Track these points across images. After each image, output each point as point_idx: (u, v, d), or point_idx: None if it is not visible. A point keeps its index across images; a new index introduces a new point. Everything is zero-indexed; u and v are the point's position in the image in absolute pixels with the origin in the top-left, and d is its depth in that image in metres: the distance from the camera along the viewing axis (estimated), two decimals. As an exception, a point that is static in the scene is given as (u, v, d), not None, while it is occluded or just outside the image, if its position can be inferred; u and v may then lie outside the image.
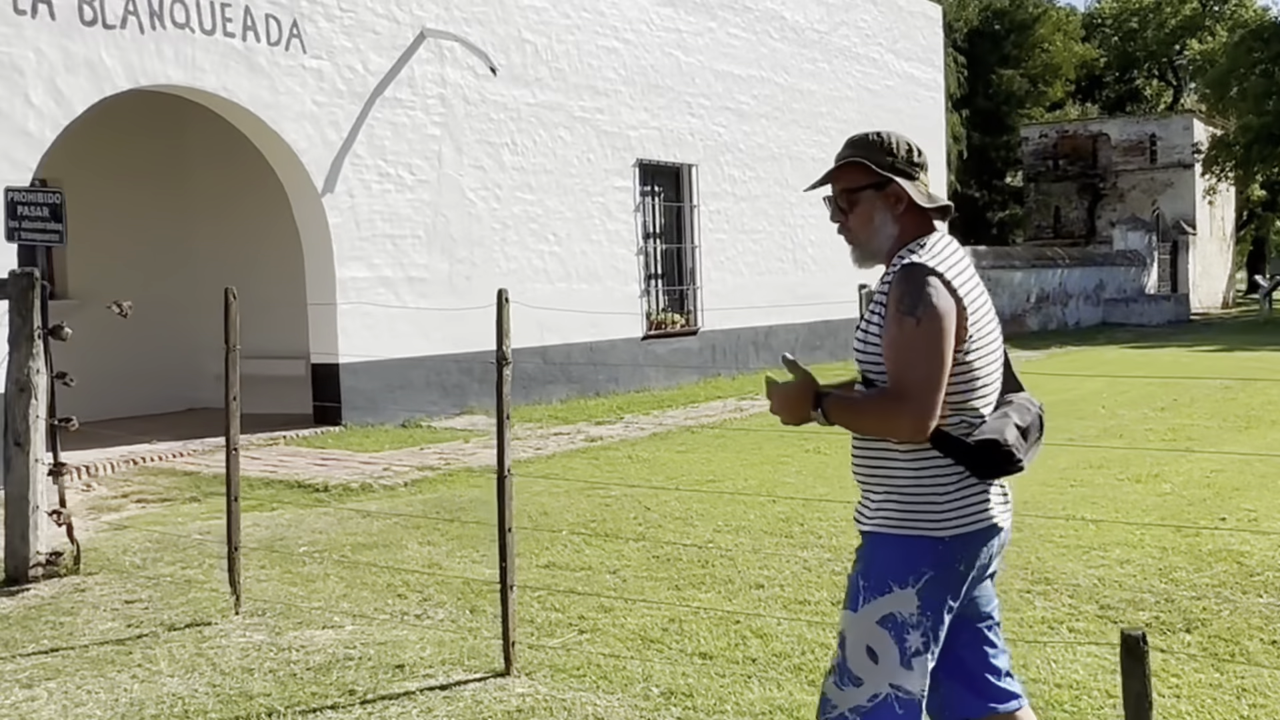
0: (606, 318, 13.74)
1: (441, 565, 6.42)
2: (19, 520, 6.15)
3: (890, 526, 2.74)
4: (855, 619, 2.77)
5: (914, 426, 2.62)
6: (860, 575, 2.78)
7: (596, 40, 13.99)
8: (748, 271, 16.74)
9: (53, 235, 6.19)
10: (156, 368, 12.14)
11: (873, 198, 2.79)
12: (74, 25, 8.91)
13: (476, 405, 12.40)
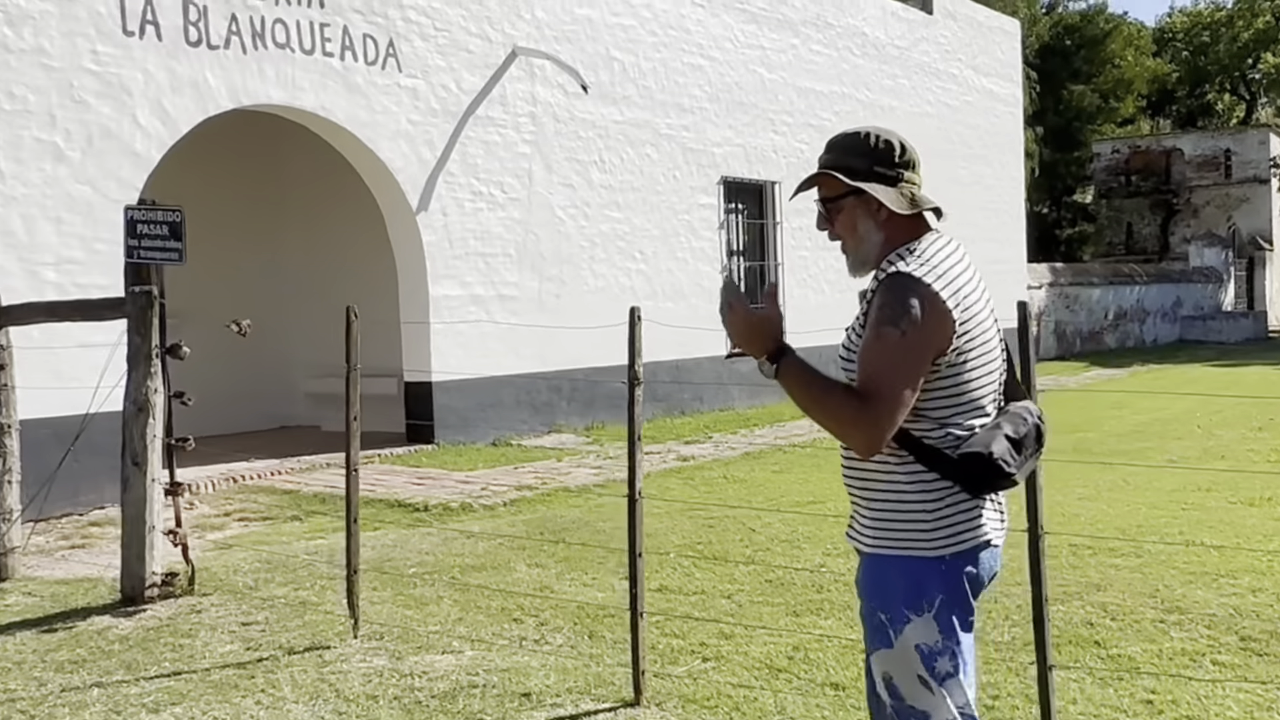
0: (691, 336, 13.54)
1: (553, 588, 6.26)
2: (136, 540, 6.08)
3: (890, 547, 2.60)
4: (894, 655, 2.61)
5: (867, 437, 2.47)
6: (879, 609, 2.62)
7: (682, 58, 13.86)
8: (829, 289, 16.48)
9: (172, 254, 6.13)
10: (249, 386, 12.13)
11: (853, 205, 2.65)
12: (179, 46, 8.92)
13: (565, 424, 12.27)
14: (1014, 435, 2.59)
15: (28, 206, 8.07)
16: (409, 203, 10.74)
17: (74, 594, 6.30)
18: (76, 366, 7.99)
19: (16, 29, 7.99)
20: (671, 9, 13.72)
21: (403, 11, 10.66)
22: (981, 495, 2.59)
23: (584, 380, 12.29)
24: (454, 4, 11.14)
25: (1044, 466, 3.74)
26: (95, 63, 8.42)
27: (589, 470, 10.18)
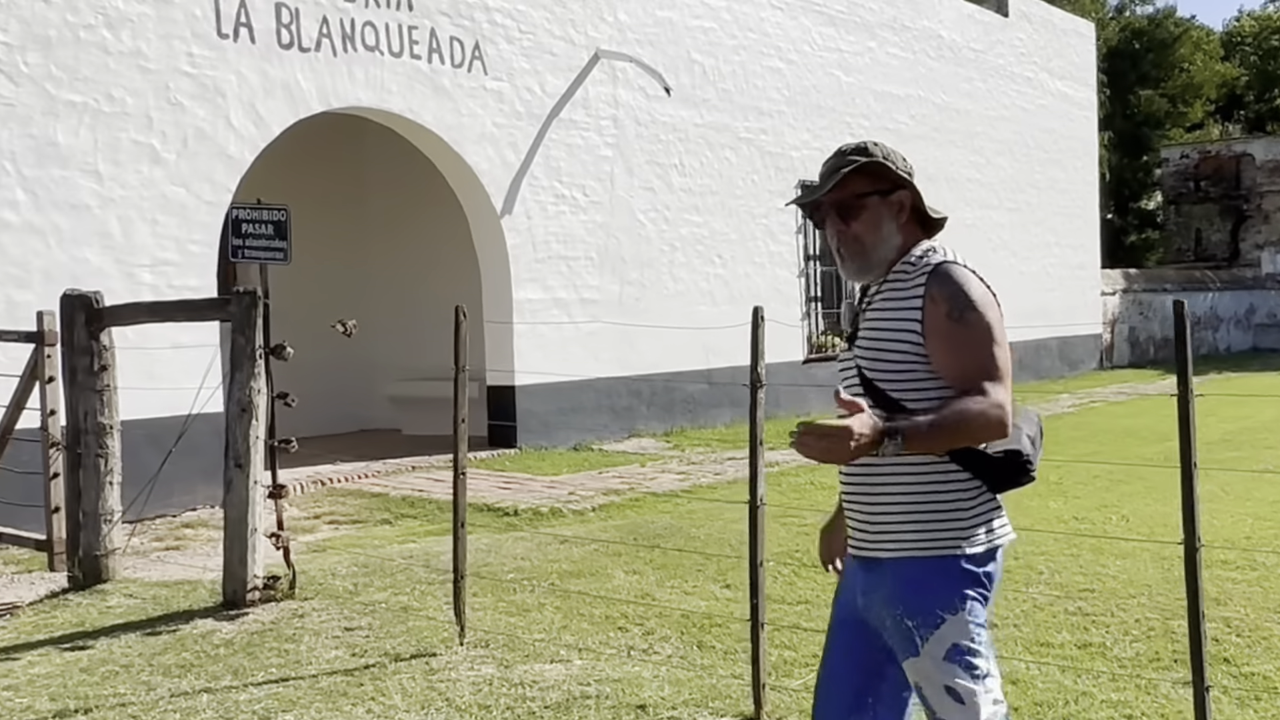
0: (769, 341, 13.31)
1: (654, 596, 6.09)
2: (238, 543, 5.98)
3: (918, 549, 2.56)
4: (920, 664, 2.56)
5: (1003, 424, 2.44)
6: (905, 616, 2.56)
7: (761, 61, 13.66)
8: (905, 294, 16.18)
9: (277, 253, 6.04)
10: (330, 388, 12.06)
11: (878, 204, 2.65)
12: (272, 49, 8.87)
13: (644, 429, 12.10)
14: (1031, 435, 2.62)
15: (125, 208, 8.04)
16: (494, 206, 10.63)
17: (174, 596, 6.21)
18: (169, 368, 7.95)
19: (115, 31, 7.96)
20: (751, 12, 13.53)
21: (488, 14, 10.56)
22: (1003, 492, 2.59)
23: (663, 384, 12.13)
24: (538, 6, 11.03)
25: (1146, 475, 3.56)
26: (191, 65, 8.39)
27: (674, 476, 10.00)
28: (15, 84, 7.51)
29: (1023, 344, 18.56)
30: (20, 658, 5.28)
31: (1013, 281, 18.38)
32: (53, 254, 7.68)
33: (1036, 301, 18.92)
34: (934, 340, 2.50)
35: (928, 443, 2.44)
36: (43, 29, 7.64)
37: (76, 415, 6.30)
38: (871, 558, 2.64)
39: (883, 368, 2.56)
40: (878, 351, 2.58)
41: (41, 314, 6.47)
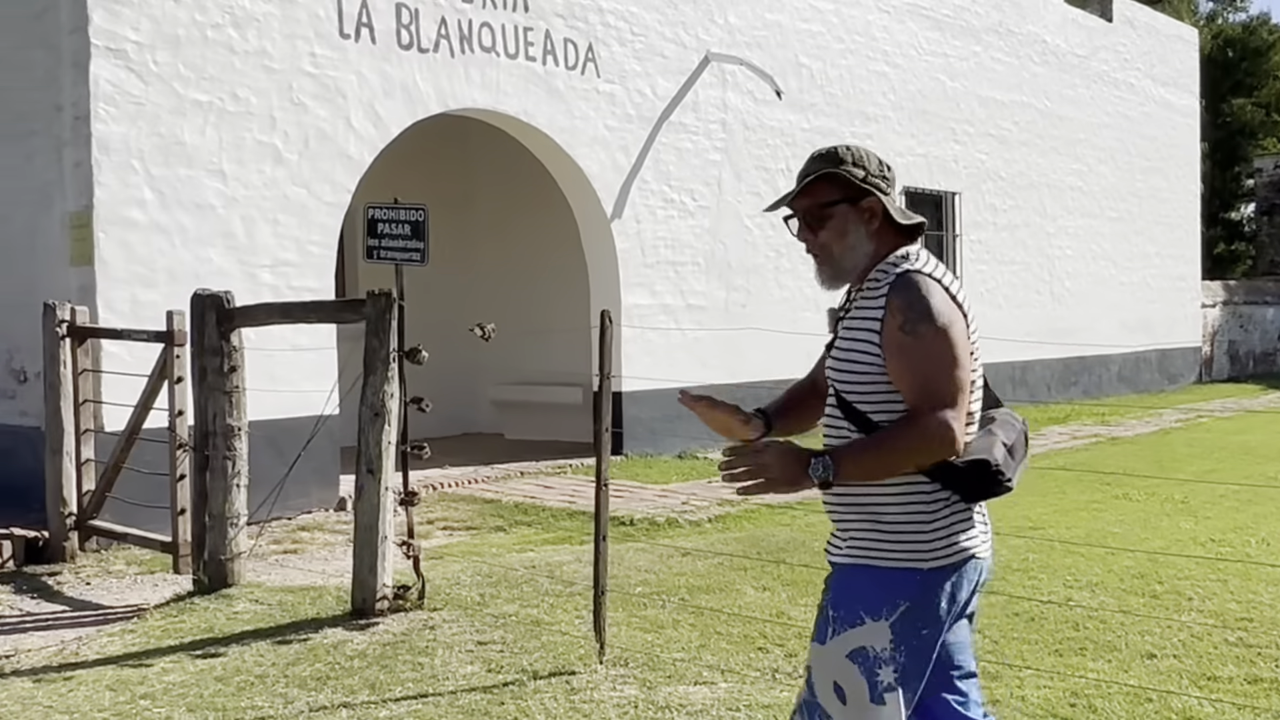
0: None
1: (789, 615, 5.81)
2: (368, 551, 5.80)
3: (868, 557, 2.53)
4: (823, 652, 2.54)
5: (950, 442, 2.38)
6: (830, 605, 2.56)
7: (868, 65, 13.33)
8: (1005, 304, 15.75)
9: (414, 254, 5.86)
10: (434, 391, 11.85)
11: (846, 212, 2.58)
12: (392, 49, 8.73)
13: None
14: (1008, 442, 2.54)
15: (248, 208, 7.94)
16: (604, 210, 10.42)
17: (301, 603, 6.04)
18: (287, 369, 7.82)
19: (242, 31, 7.86)
20: (858, 15, 13.21)
21: (602, 16, 10.36)
22: (977, 503, 2.54)
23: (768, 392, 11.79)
24: (651, 9, 10.81)
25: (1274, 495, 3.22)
26: (313, 65, 8.27)
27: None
28: (145, 83, 7.42)
29: (1121, 356, 18.03)
30: (153, 664, 5.13)
31: (1114, 292, 17.86)
32: (177, 253, 7.58)
33: (1138, 313, 18.36)
34: (889, 353, 2.45)
35: (862, 470, 2.41)
36: (172, 28, 7.56)
37: (205, 416, 6.16)
38: (835, 562, 2.63)
39: (850, 381, 2.52)
40: (846, 364, 2.53)
41: (171, 313, 6.35)
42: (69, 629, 5.76)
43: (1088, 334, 16.86)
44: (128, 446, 6.66)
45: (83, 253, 7.26)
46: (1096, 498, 9.14)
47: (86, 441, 6.90)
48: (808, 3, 12.55)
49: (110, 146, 7.27)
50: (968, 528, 2.53)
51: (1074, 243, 17.06)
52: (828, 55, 12.80)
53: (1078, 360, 16.86)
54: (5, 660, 5.23)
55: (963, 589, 2.54)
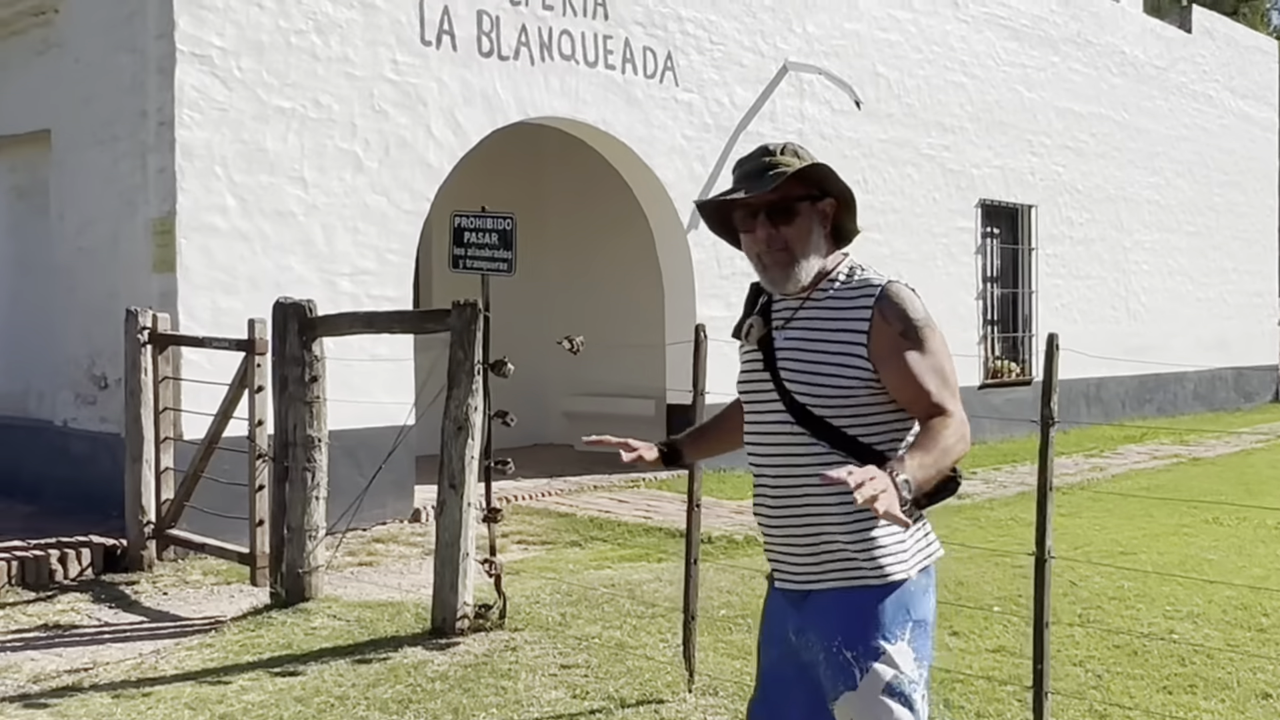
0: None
1: (877, 642, 5.53)
2: (449, 568, 5.62)
3: (853, 579, 2.40)
4: (858, 698, 2.36)
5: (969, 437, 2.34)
6: (844, 647, 2.38)
7: (945, 75, 13.01)
8: (1081, 319, 15.33)
9: (501, 264, 5.68)
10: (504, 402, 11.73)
11: (809, 211, 2.47)
12: (472, 57, 8.59)
13: (821, 452, 11.55)
14: None
15: (328, 216, 7.82)
16: (680, 220, 10.22)
17: (379, 619, 5.87)
18: (365, 379, 7.68)
19: (324, 37, 7.75)
20: (936, 25, 12.90)
21: (681, 25, 10.16)
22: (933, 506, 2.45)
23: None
24: (730, 17, 10.60)
25: None
26: (395, 72, 8.14)
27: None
28: (229, 89, 7.33)
29: (1197, 374, 17.51)
30: (232, 681, 4.99)
31: (1190, 309, 17.36)
32: (258, 260, 7.48)
33: (1214, 330, 17.83)
34: (890, 362, 2.37)
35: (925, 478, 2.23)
36: (256, 34, 7.46)
37: (285, 426, 6.02)
38: (805, 591, 2.47)
39: (823, 395, 2.40)
40: (816, 378, 2.41)
41: (253, 322, 6.23)
42: (147, 641, 5.64)
43: (1163, 351, 16.38)
44: (207, 455, 6.55)
45: (165, 259, 7.17)
46: (1185, 521, 8.79)
47: (166, 449, 6.80)
48: (886, 12, 12.28)
49: (194, 152, 7.18)
50: (927, 529, 2.51)
51: (1150, 258, 16.60)
52: (905, 65, 12.52)
53: (1153, 378, 16.37)
54: (84, 674, 5.12)
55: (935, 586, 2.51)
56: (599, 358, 10.98)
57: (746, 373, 2.56)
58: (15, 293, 8.90)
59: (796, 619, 2.49)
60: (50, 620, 5.94)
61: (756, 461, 2.53)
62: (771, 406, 2.47)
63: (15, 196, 8.90)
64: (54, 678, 5.06)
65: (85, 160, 7.82)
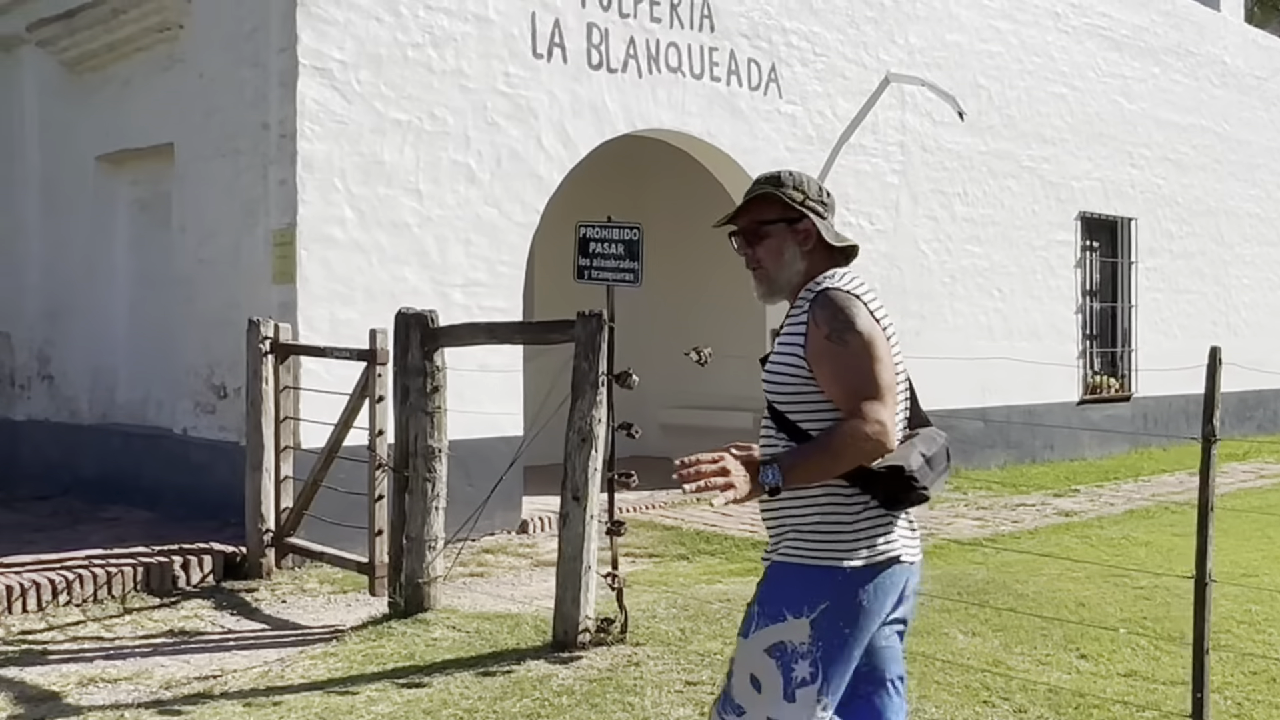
0: (1045, 380, 12.35)
1: (1007, 664, 5.35)
2: (571, 581, 5.52)
3: (793, 557, 2.63)
4: (745, 645, 2.66)
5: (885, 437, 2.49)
6: (757, 602, 2.67)
7: (1046, 86, 12.71)
8: (1180, 334, 14.88)
9: (626, 275, 5.58)
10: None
11: (783, 232, 2.74)
12: (582, 69, 8.52)
13: (919, 467, 11.29)
14: (926, 453, 2.64)
15: (441, 228, 7.78)
16: (783, 232, 10.05)
17: (499, 631, 5.79)
18: (475, 389, 7.61)
19: (440, 50, 7.73)
20: (1037, 36, 12.61)
21: (785, 36, 10.02)
22: (896, 510, 2.61)
23: (940, 422, 11.25)
24: (833, 29, 10.44)
25: None
26: (507, 85, 8.10)
27: (970, 521, 9.18)
28: (348, 101, 7.33)
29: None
30: (359, 691, 4.92)
31: (1294, 325, 16.79)
32: (374, 272, 7.46)
33: (1317, 347, 17.21)
34: (817, 362, 2.58)
35: (806, 473, 2.52)
36: (374, 48, 7.46)
37: (406, 436, 5.97)
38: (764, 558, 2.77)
39: (781, 392, 2.65)
40: (777, 376, 2.66)
41: (374, 332, 6.18)
42: (270, 649, 5.61)
43: (1266, 366, 15.83)
44: (326, 464, 6.51)
45: (285, 270, 7.18)
46: (1305, 543, 8.43)
47: (285, 458, 6.79)
48: (988, 23, 12.03)
49: (314, 165, 7.18)
50: (888, 532, 2.62)
51: (1251, 271, 16.08)
52: (1006, 76, 12.25)
53: (1254, 394, 15.83)
54: (213, 681, 5.09)
55: (887, 592, 2.62)
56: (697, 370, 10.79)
57: None
58: (137, 303, 9.00)
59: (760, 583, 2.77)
60: (175, 626, 5.95)
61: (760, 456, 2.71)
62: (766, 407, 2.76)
63: (138, 209, 9.00)
64: (184, 684, 5.04)
65: (207, 173, 7.87)
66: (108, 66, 8.78)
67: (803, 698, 2.56)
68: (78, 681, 4.99)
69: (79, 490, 8.89)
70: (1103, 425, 13.51)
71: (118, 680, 5.03)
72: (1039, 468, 12.38)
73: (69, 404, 9.38)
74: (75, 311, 9.31)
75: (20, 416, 9.91)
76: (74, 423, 9.27)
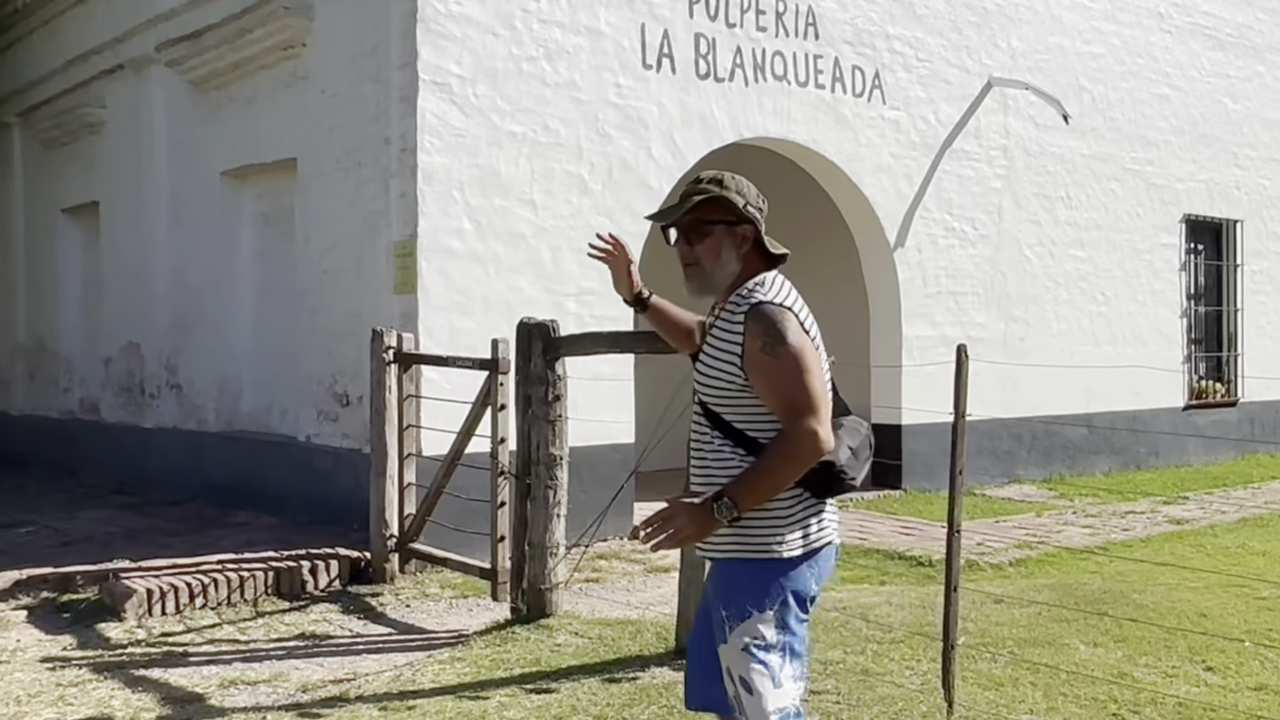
0: (1149, 385, 12.01)
1: (1131, 675, 5.17)
2: (694, 588, 5.43)
3: (739, 552, 2.74)
4: (726, 651, 2.78)
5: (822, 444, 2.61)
6: (721, 606, 2.77)
7: (1149, 88, 12.36)
8: (1289, 338, 14.37)
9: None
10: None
11: (723, 233, 2.82)
12: (690, 79, 8.48)
13: (1024, 474, 11.06)
14: (853, 445, 2.79)
15: (555, 238, 7.80)
16: (887, 239, 9.92)
17: (620, 638, 5.76)
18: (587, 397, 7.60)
19: (554, 63, 7.75)
20: (1140, 37, 12.27)
21: (889, 43, 9.87)
22: (825, 499, 2.78)
23: (1044, 428, 11.04)
24: (936, 34, 10.26)
25: None
26: (618, 96, 8.10)
27: (1080, 529, 8.94)
28: (465, 115, 7.37)
29: None
30: (489, 696, 4.93)
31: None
32: (491, 282, 7.49)
33: None
34: (752, 371, 2.68)
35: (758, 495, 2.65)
36: (491, 61, 7.49)
37: (528, 444, 5.97)
38: (710, 557, 2.87)
39: (717, 393, 2.75)
40: (711, 378, 2.75)
41: (496, 342, 6.19)
42: (398, 652, 5.64)
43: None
44: (449, 471, 6.54)
45: (406, 281, 7.23)
46: None
47: (408, 465, 6.83)
48: (1090, 25, 11.74)
49: (433, 177, 7.23)
50: (819, 517, 2.78)
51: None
52: (1109, 78, 11.94)
53: (1364, 399, 15.24)
54: (348, 684, 5.13)
55: (825, 572, 2.82)
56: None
57: None
58: (261, 314, 9.16)
59: (711, 579, 2.90)
60: (306, 629, 6.01)
61: (691, 448, 2.90)
62: (695, 404, 2.85)
63: (263, 223, 9.17)
64: (320, 687, 5.08)
65: (329, 187, 7.97)
66: (233, 84, 8.96)
67: (786, 682, 2.74)
68: (219, 684, 5.07)
69: (207, 495, 9.07)
70: (1208, 431, 13.09)
71: (256, 683, 5.09)
72: (1145, 474, 12.04)
73: (196, 412, 9.57)
74: (202, 322, 9.50)
75: (150, 424, 10.16)
76: (200, 430, 9.46)
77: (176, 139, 9.66)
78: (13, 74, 12.42)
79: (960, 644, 5.63)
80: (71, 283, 11.85)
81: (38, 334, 12.44)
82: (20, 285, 12.62)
